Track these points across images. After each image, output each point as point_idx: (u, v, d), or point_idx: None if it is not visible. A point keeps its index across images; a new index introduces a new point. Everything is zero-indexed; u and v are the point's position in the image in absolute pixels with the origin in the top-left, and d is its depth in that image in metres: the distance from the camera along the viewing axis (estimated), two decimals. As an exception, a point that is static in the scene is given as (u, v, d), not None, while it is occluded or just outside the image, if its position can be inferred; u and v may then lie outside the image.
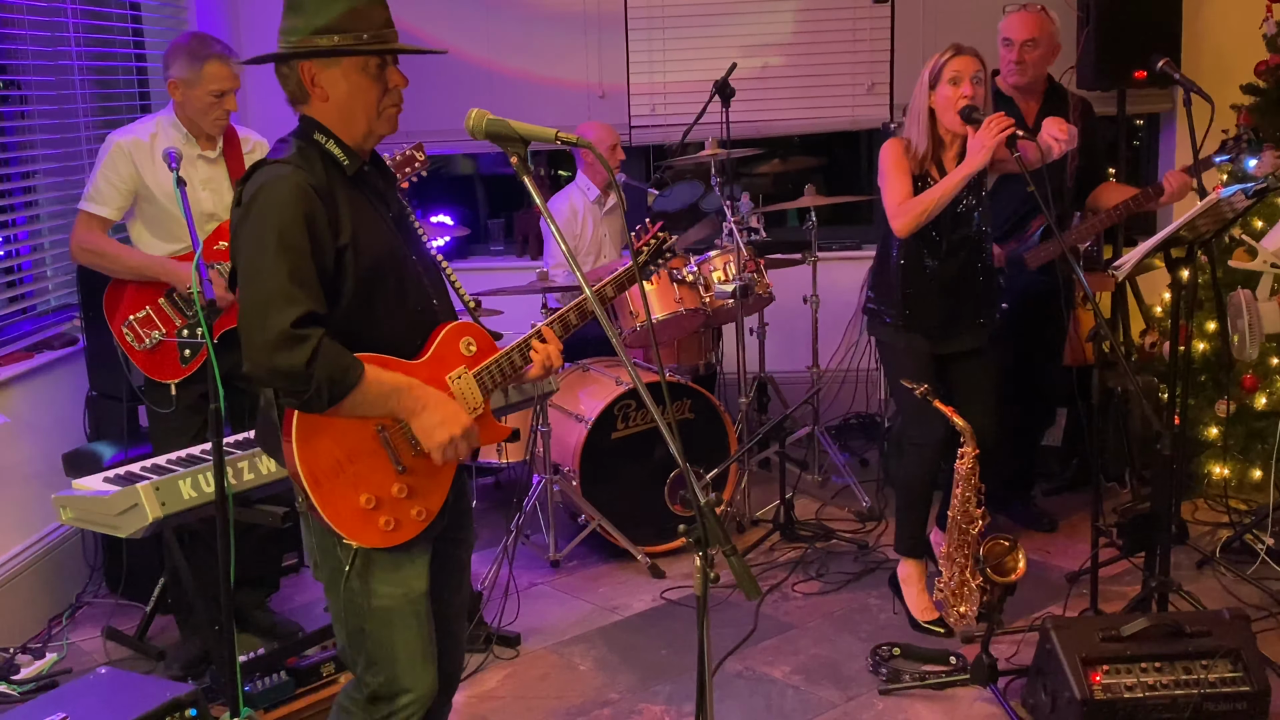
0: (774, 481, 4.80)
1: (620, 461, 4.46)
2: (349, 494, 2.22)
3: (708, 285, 4.71)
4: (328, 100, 2.26)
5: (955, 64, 3.61)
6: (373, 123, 2.29)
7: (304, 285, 2.12)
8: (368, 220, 2.26)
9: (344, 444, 2.22)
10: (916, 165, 3.70)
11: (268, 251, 2.12)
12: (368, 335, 2.24)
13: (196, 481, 2.85)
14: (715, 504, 1.92)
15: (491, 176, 7.03)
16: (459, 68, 5.96)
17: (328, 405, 2.13)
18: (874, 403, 5.80)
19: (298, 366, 2.08)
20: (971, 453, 3.56)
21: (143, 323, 3.65)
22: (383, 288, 2.26)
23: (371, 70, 2.26)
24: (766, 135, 6.08)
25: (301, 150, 2.24)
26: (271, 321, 2.08)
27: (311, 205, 2.15)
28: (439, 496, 2.34)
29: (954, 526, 3.62)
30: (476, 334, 2.42)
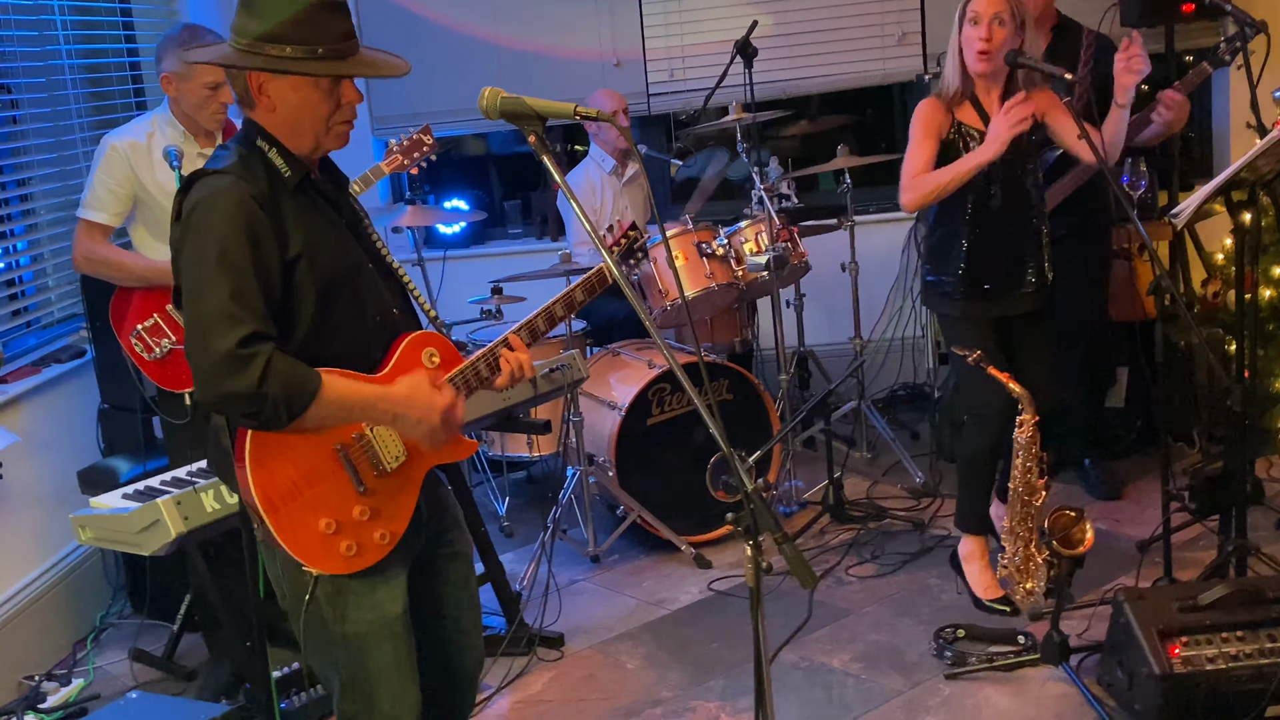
0: (820, 461, 4.79)
1: (657, 449, 4.47)
2: (308, 519, 2.19)
3: (739, 258, 4.70)
4: (274, 111, 2.22)
5: (980, 4, 3.58)
6: (320, 138, 2.26)
7: (247, 304, 2.09)
8: (319, 230, 2.24)
9: (301, 466, 2.20)
10: (946, 110, 3.67)
11: (208, 270, 2.09)
12: (325, 350, 2.21)
13: (219, 493, 2.87)
14: (764, 489, 1.92)
15: (504, 156, 7.04)
16: (464, 44, 5.96)
17: (288, 422, 2.11)
18: (922, 372, 5.78)
19: (249, 388, 2.05)
20: (1031, 420, 3.53)
21: (151, 331, 3.67)
22: (339, 300, 2.24)
23: (324, 86, 2.22)
24: (793, 95, 6.05)
25: (243, 158, 2.21)
26: (214, 345, 2.05)
27: (253, 218, 2.12)
28: (403, 517, 2.32)
29: (1015, 499, 3.60)
30: (439, 344, 2.40)
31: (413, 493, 2.34)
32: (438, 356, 2.38)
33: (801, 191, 5.47)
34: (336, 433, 2.23)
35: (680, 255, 4.61)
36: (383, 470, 2.28)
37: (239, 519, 2.76)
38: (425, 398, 2.24)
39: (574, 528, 4.67)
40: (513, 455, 4.99)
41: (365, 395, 2.20)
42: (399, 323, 2.37)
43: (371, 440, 2.27)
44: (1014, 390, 3.52)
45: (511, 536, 4.81)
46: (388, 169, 4.05)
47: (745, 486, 1.91)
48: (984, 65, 3.60)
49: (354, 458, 2.25)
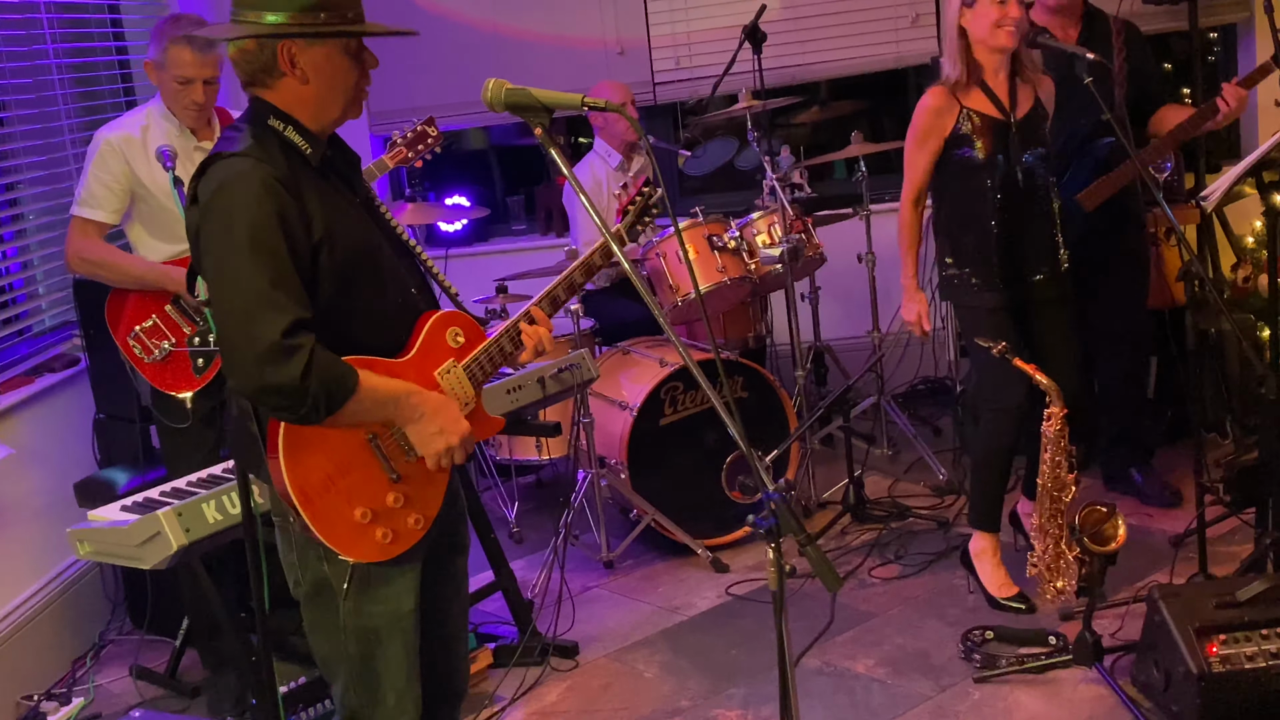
0: (840, 459, 4.78)
1: (671, 450, 4.46)
2: (343, 509, 2.24)
3: (752, 250, 4.70)
4: (307, 83, 2.23)
5: None
6: (348, 107, 2.29)
7: (288, 290, 2.11)
8: (339, 210, 2.25)
9: (335, 457, 2.24)
10: (951, 99, 3.66)
11: (242, 255, 2.09)
12: (349, 335, 2.24)
13: (221, 503, 2.87)
14: (785, 489, 1.92)
15: (506, 149, 7.04)
16: (463, 34, 5.96)
17: (324, 418, 2.14)
18: (943, 365, 5.77)
19: (293, 381, 2.07)
20: (1059, 413, 3.53)
21: (150, 333, 3.68)
22: (361, 282, 2.26)
23: (353, 50, 2.26)
24: (803, 81, 6.04)
25: (258, 139, 2.21)
26: (259, 333, 2.06)
27: (281, 201, 2.13)
28: (436, 502, 2.37)
29: (1044, 495, 3.60)
30: (463, 323, 2.42)
31: (445, 475, 2.38)
32: (462, 336, 2.41)
33: (814, 181, 5.46)
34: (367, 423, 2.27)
35: (691, 249, 4.61)
36: (414, 455, 2.31)
37: (243, 529, 2.76)
38: (455, 413, 2.31)
39: (586, 533, 4.67)
40: (521, 459, 4.99)
41: (397, 391, 2.25)
42: (419, 302, 2.40)
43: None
44: (1041, 382, 3.51)
45: (521, 543, 4.81)
46: (391, 163, 4.04)
47: (766, 487, 1.90)
48: (1014, 41, 3.60)
49: (386, 446, 2.29)
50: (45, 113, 4.51)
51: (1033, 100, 3.75)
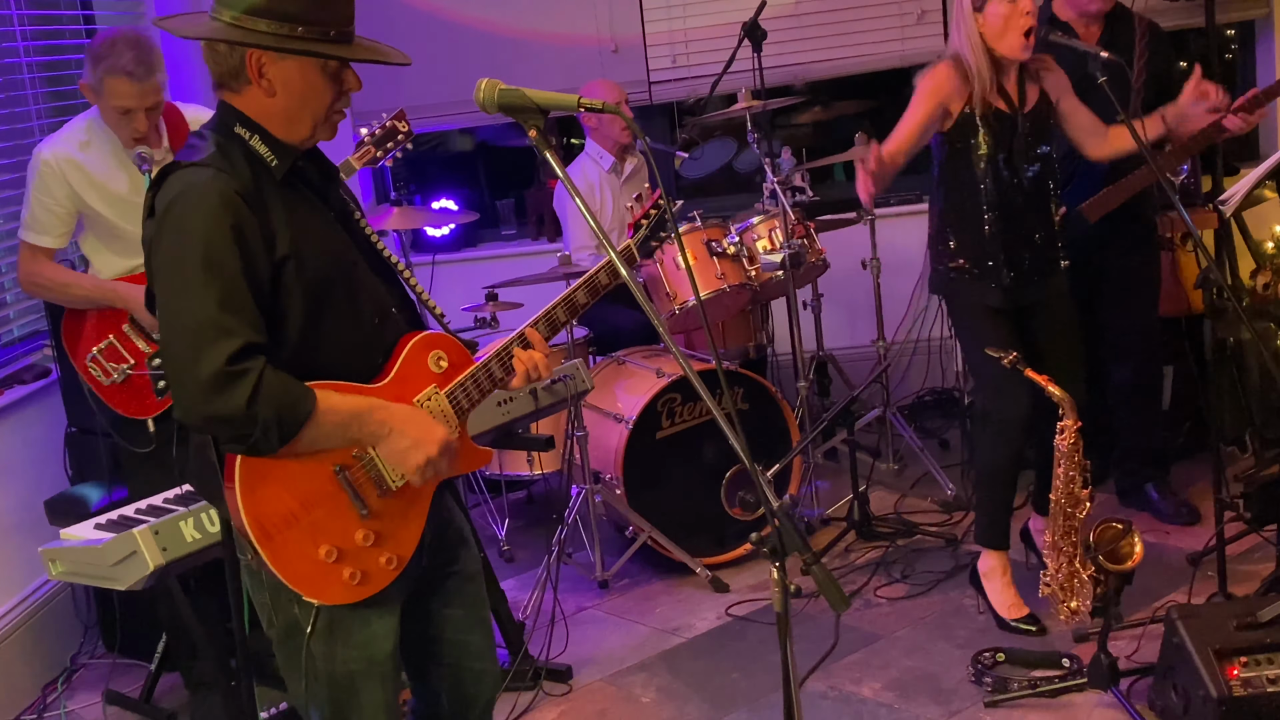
0: (844, 473, 4.78)
1: (668, 464, 4.47)
2: (305, 546, 2.17)
3: (752, 257, 4.71)
4: (273, 96, 2.18)
5: None
6: (318, 128, 2.23)
7: (238, 312, 2.06)
8: (308, 224, 2.20)
9: (297, 489, 2.17)
10: (978, 101, 3.68)
11: (192, 275, 2.05)
12: (318, 359, 2.19)
13: (199, 521, 2.87)
14: (789, 506, 1.92)
15: (494, 151, 7.05)
16: (451, 31, 5.97)
17: (279, 446, 2.09)
18: (950, 375, 5.78)
19: (238, 409, 2.02)
20: (1073, 426, 3.53)
21: (108, 354, 3.66)
22: (332, 302, 2.21)
23: (330, 71, 2.19)
24: (805, 80, 6.06)
25: (221, 148, 2.16)
26: (202, 360, 2.02)
27: (238, 215, 2.08)
28: (411, 539, 2.30)
29: (1057, 511, 3.60)
30: (447, 345, 2.36)
31: (421, 511, 2.32)
32: (446, 359, 2.34)
33: (816, 184, 5.46)
34: (335, 452, 2.21)
35: (689, 254, 4.62)
36: (387, 489, 2.25)
37: (222, 548, 2.76)
38: (426, 423, 2.24)
39: (579, 551, 4.67)
40: (512, 474, 4.99)
41: (359, 406, 2.19)
42: (400, 323, 2.34)
43: (374, 457, 2.24)
44: (1054, 394, 3.52)
45: (512, 561, 4.81)
46: (359, 164, 4.00)
47: (770, 503, 1.91)
48: (1027, 50, 3.63)
49: (355, 479, 2.22)
50: (15, 114, 4.51)
51: (1039, 94, 3.78)
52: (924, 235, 5.65)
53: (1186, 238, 4.80)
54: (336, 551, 2.19)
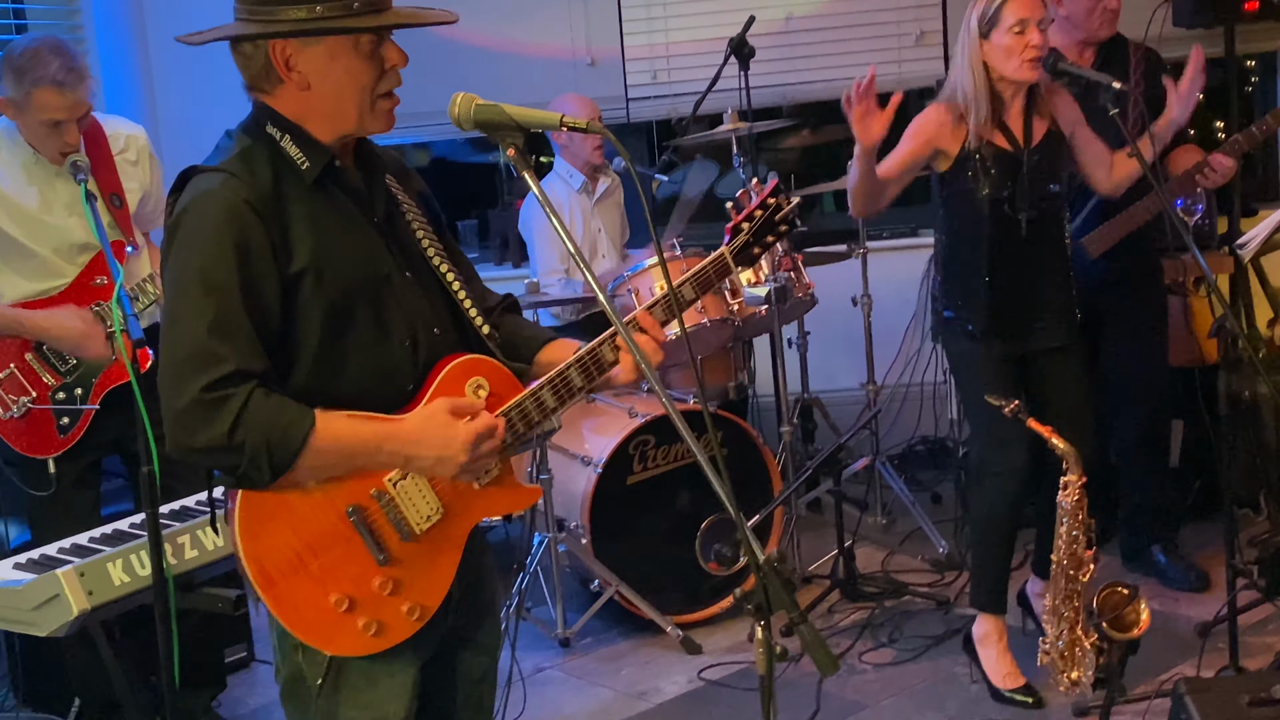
0: (829, 527, 4.80)
1: (639, 512, 4.47)
2: (313, 593, 2.12)
3: (735, 289, 4.73)
4: (308, 89, 2.14)
5: (1018, 6, 3.65)
6: (364, 117, 2.18)
7: (229, 337, 2.03)
8: (338, 233, 2.16)
9: (303, 532, 2.12)
10: (973, 137, 3.72)
11: (187, 294, 2.05)
12: (339, 384, 2.15)
13: (129, 563, 2.84)
14: (777, 560, 1.92)
15: (453, 168, 7.07)
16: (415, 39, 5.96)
17: (271, 476, 2.05)
18: (944, 424, 5.81)
19: (220, 437, 2.00)
20: (1078, 482, 3.55)
21: (7, 385, 3.60)
22: (356, 320, 2.16)
23: (365, 47, 2.14)
24: (794, 102, 6.11)
25: (245, 151, 2.14)
26: (181, 388, 2.01)
27: (245, 230, 2.06)
28: (439, 588, 2.23)
29: (1059, 573, 3.62)
30: (490, 371, 2.28)
31: (452, 559, 2.24)
32: (486, 387, 2.26)
33: (804, 213, 5.50)
34: (347, 491, 2.15)
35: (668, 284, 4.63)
36: (410, 534, 2.19)
37: (153, 593, 2.75)
38: (439, 431, 2.13)
39: (540, 605, 4.65)
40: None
41: (366, 436, 2.12)
42: (442, 344, 2.27)
43: (395, 498, 2.17)
44: (1057, 446, 3.54)
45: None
46: None
47: (757, 554, 1.91)
48: (1035, 73, 3.68)
49: (372, 521, 2.16)
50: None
51: (1047, 127, 3.83)
52: (918, 271, 5.74)
53: (1200, 282, 4.85)
54: (349, 600, 2.14)
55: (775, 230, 2.54)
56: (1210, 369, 4.86)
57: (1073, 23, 4.32)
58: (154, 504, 2.69)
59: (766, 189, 2.55)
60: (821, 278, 5.12)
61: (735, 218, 2.55)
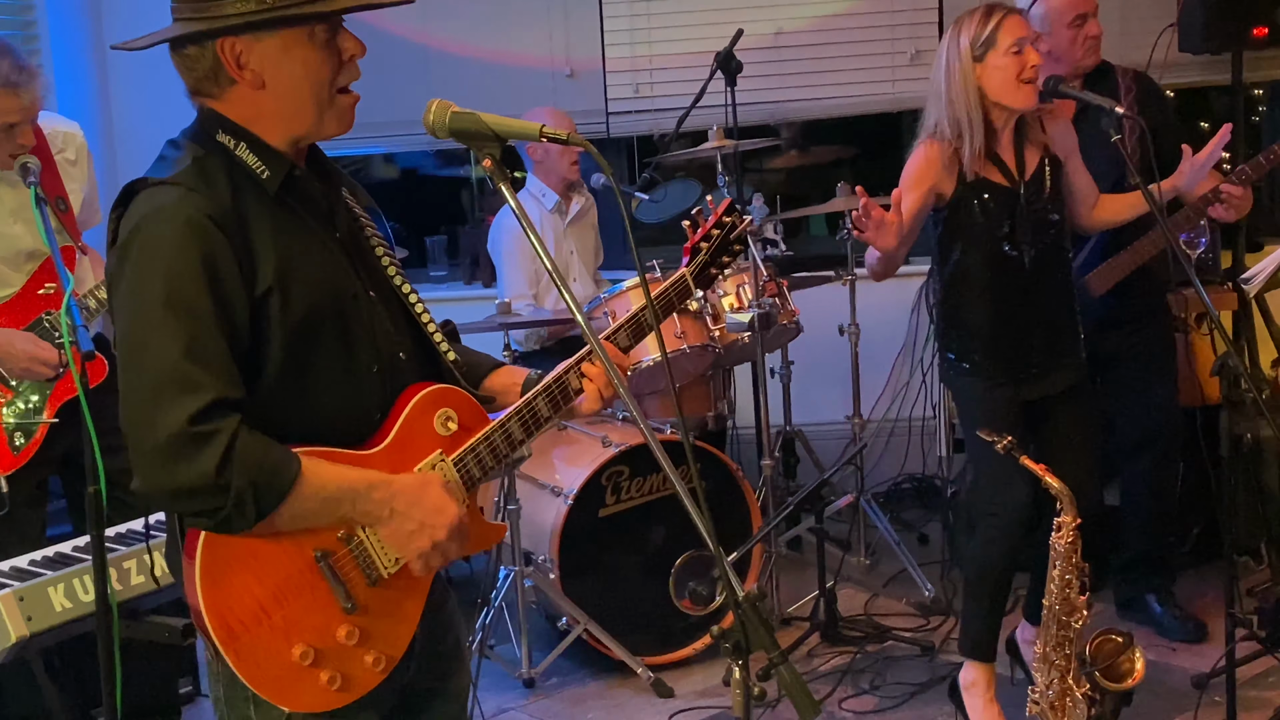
0: (809, 566, 4.81)
1: (611, 547, 4.48)
2: (277, 645, 2.08)
3: (716, 315, 4.74)
4: (263, 88, 2.09)
5: (1013, 26, 3.68)
6: (323, 115, 2.14)
7: (207, 362, 1.97)
8: (301, 250, 2.12)
9: (269, 579, 2.07)
10: (955, 160, 3.74)
11: (153, 318, 1.98)
12: (300, 416, 2.11)
13: (71, 588, 2.84)
14: (758, 598, 1.93)
15: (421, 181, 7.07)
16: (386, 45, 5.99)
17: (255, 521, 1.99)
18: (932, 461, 5.83)
19: (205, 477, 1.94)
20: (1071, 523, 3.57)
21: None
22: (322, 343, 2.12)
23: (320, 37, 2.10)
24: (783, 120, 6.14)
25: (199, 162, 2.08)
26: (161, 421, 1.94)
27: (210, 246, 2.00)
28: (403, 636, 2.21)
29: (1051, 619, 3.63)
30: (458, 402, 2.27)
31: (417, 605, 2.23)
32: (455, 419, 2.25)
33: (790, 237, 5.55)
34: (316, 535, 2.10)
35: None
36: (377, 578, 2.16)
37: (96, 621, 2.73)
38: (434, 500, 2.13)
39: (504, 643, 4.65)
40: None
41: (353, 482, 2.09)
42: (409, 371, 2.25)
43: (364, 541, 2.14)
44: (1051, 486, 3.56)
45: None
46: None
47: (736, 591, 1.92)
48: (1035, 99, 3.70)
49: (339, 566, 2.12)
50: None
51: (1040, 155, 3.85)
52: (909, 300, 5.77)
53: (1202, 318, 4.88)
54: (314, 653, 2.09)
55: (730, 250, 2.59)
56: (1211, 409, 4.88)
57: (1055, 56, 4.32)
58: (99, 526, 2.67)
59: (720, 207, 2.60)
60: (807, 304, 5.13)
61: (693, 237, 2.59)
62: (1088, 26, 4.32)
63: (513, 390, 2.41)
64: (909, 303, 5.77)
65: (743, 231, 2.60)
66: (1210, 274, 5.01)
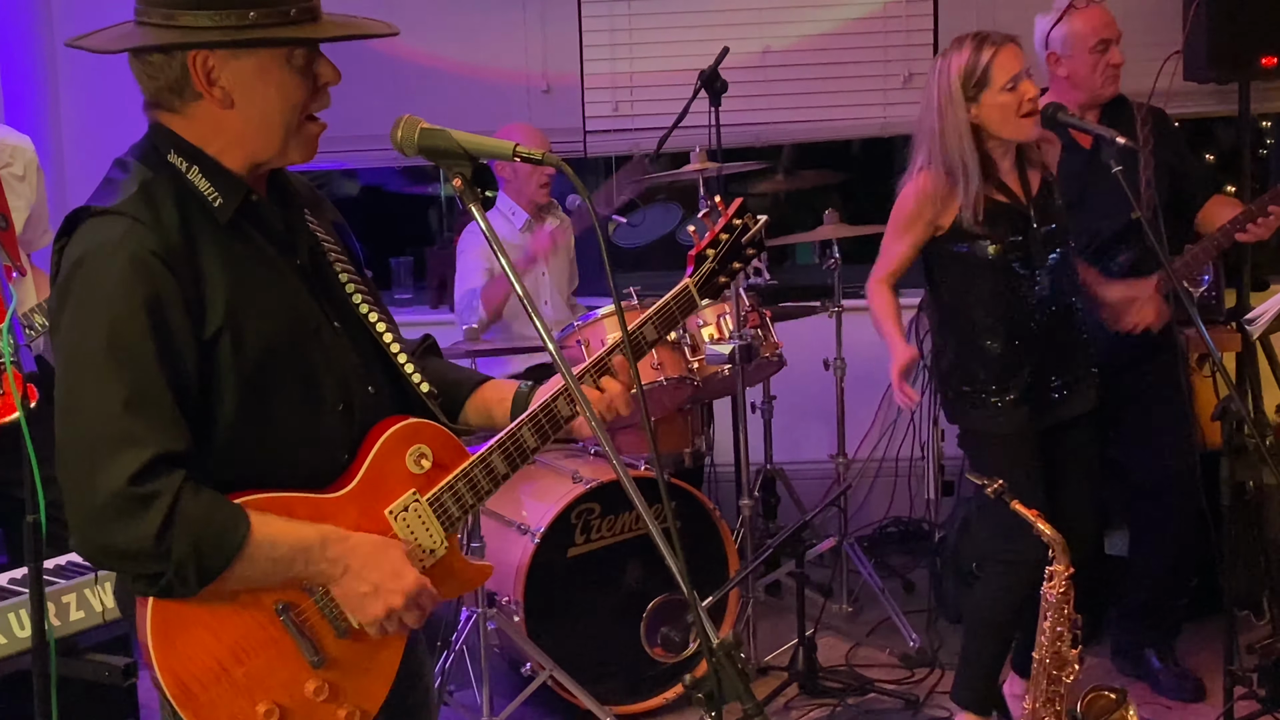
0: (789, 613, 4.80)
1: (579, 589, 4.47)
2: (240, 705, 2.05)
3: (696, 346, 4.74)
4: (231, 108, 2.06)
5: (1006, 60, 3.70)
6: (290, 141, 2.12)
7: (149, 413, 1.95)
8: (255, 282, 2.09)
9: (227, 636, 2.05)
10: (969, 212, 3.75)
11: (93, 365, 1.95)
12: (259, 459, 2.09)
13: (6, 623, 2.83)
14: (733, 646, 1.93)
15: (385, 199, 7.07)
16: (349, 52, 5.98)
17: (198, 587, 1.97)
18: (919, 504, 5.84)
19: (145, 541, 1.91)
20: (1064, 572, 3.58)
21: None
22: (281, 385, 2.09)
23: (299, 61, 2.08)
24: (768, 143, 6.16)
25: (146, 188, 2.04)
26: (101, 480, 1.91)
27: (155, 286, 1.96)
28: (379, 689, 2.19)
29: (1041, 673, 3.64)
30: (432, 437, 2.24)
31: (393, 656, 2.20)
32: (429, 456, 2.22)
33: (774, 265, 5.56)
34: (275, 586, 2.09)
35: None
36: (346, 629, 2.13)
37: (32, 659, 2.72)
38: (392, 563, 2.11)
39: (464, 689, 4.62)
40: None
41: (308, 539, 2.06)
42: (377, 405, 2.23)
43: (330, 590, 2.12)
44: (1043, 532, 3.57)
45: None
46: None
47: (710, 637, 1.92)
48: (1036, 129, 3.73)
49: (304, 619, 2.11)
50: None
51: (1041, 175, 3.89)
52: (898, 333, 5.77)
53: (1204, 360, 4.90)
54: (279, 710, 2.07)
55: (743, 255, 2.49)
56: (1212, 455, 4.89)
57: (1073, 82, 4.36)
58: (38, 557, 2.66)
59: (731, 208, 2.50)
60: (791, 337, 5.14)
61: (699, 243, 2.49)
62: (1110, 54, 4.35)
63: (500, 406, 2.39)
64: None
65: (756, 234, 2.49)
66: (1213, 313, 5.03)
